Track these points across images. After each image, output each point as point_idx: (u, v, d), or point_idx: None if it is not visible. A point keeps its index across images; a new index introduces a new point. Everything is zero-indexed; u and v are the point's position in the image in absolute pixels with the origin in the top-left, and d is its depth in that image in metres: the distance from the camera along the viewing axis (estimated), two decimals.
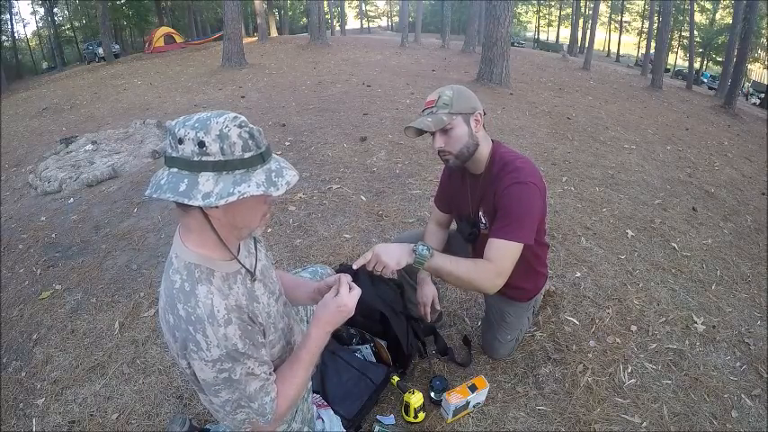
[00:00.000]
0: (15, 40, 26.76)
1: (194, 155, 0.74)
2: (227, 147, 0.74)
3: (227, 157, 0.75)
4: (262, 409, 0.87)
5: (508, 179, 1.34)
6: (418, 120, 1.38)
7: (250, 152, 0.77)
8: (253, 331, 0.86)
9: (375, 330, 1.72)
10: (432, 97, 1.38)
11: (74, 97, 9.21)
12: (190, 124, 0.75)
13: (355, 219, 2.88)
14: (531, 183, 1.32)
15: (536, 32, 40.30)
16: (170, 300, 0.82)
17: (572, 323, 2.04)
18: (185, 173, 0.75)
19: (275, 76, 9.02)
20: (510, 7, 7.64)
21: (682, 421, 1.63)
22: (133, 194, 3.46)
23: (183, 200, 0.74)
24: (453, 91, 1.38)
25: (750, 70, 24.45)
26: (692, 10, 17.55)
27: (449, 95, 1.36)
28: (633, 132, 5.79)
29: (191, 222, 0.83)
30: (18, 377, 1.89)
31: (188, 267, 0.83)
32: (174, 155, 0.76)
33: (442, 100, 1.36)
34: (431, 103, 1.38)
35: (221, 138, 0.74)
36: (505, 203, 1.33)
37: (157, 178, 0.78)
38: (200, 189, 0.74)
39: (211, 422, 1.54)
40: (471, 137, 1.38)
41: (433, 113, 1.36)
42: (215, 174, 0.75)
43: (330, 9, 27.57)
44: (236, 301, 0.85)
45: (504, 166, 1.39)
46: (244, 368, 0.83)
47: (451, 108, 1.35)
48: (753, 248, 3.01)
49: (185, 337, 0.79)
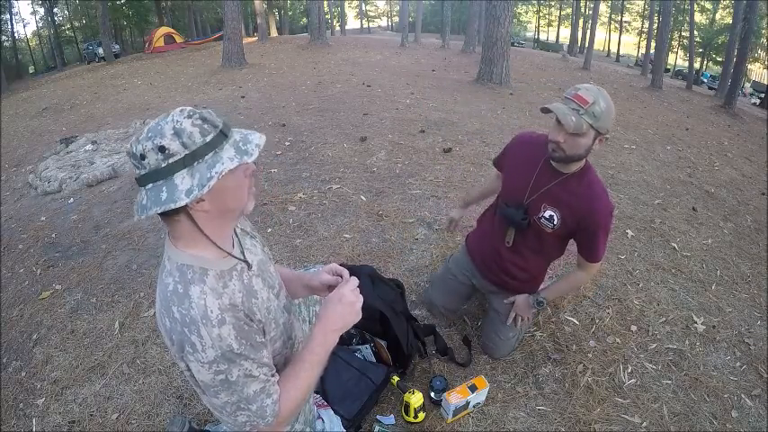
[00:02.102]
0: (15, 40, 26.75)
1: (160, 162, 0.75)
2: (186, 140, 0.75)
3: (191, 148, 0.75)
4: (261, 411, 0.86)
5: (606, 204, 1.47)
6: (563, 107, 1.35)
7: (209, 134, 0.77)
8: (250, 331, 0.85)
9: (375, 330, 1.72)
10: (588, 98, 1.32)
11: (74, 97, 9.21)
12: (144, 137, 0.76)
13: (355, 219, 2.88)
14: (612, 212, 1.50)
15: (536, 32, 40.29)
16: (165, 303, 0.81)
17: (572, 323, 2.04)
18: (160, 182, 0.76)
19: (275, 76, 9.02)
20: (510, 7, 7.64)
21: (682, 421, 1.63)
22: (133, 194, 3.45)
23: (170, 206, 0.74)
24: (606, 104, 1.34)
25: (750, 70, 24.47)
26: (692, 10, 17.54)
27: (602, 108, 1.33)
28: (633, 132, 5.79)
29: (178, 229, 0.83)
30: (18, 377, 1.89)
31: (180, 269, 0.82)
32: (144, 172, 0.77)
33: (593, 108, 1.32)
34: (585, 102, 1.32)
35: (177, 134, 0.75)
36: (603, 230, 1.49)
37: (138, 201, 0.78)
38: (180, 189, 0.75)
39: (211, 422, 1.54)
40: (587, 150, 1.40)
41: (580, 114, 1.33)
42: (187, 169, 0.76)
43: (330, 9, 27.58)
44: (230, 300, 0.84)
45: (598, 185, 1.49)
46: (241, 370, 0.82)
47: (597, 121, 1.33)
48: (753, 248, 3.01)
49: (181, 340, 0.79)
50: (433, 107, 5.80)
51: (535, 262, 1.71)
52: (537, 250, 1.65)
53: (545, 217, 1.53)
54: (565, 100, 1.36)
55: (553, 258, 1.75)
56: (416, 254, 2.51)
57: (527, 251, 1.66)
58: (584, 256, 1.56)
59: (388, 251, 2.54)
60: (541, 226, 1.55)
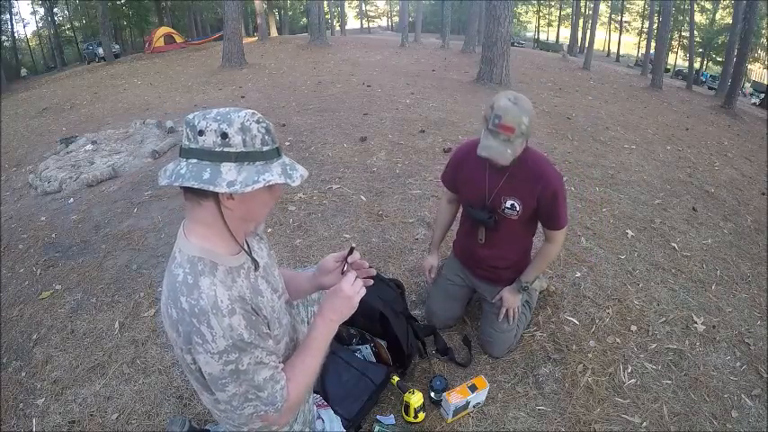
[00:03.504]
0: (15, 40, 26.75)
1: (216, 145, 0.77)
2: (248, 139, 0.78)
3: (249, 148, 0.78)
4: (272, 398, 0.87)
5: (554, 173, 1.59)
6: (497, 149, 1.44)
7: (268, 146, 0.81)
8: (257, 321, 0.86)
9: (375, 330, 1.72)
10: (512, 124, 1.40)
11: (74, 97, 9.22)
12: (211, 117, 0.78)
13: (355, 219, 2.88)
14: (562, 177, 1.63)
15: (536, 32, 40.27)
16: (173, 293, 0.82)
17: (572, 323, 2.04)
18: (206, 162, 0.77)
19: (275, 76, 9.03)
20: (510, 7, 7.65)
21: (682, 421, 1.63)
22: (133, 194, 3.46)
23: (208, 187, 0.76)
24: (528, 117, 1.42)
25: (750, 70, 24.47)
26: (692, 10, 17.52)
27: (526, 125, 1.41)
28: (633, 132, 5.79)
29: (202, 214, 0.83)
30: (18, 377, 1.89)
31: (191, 261, 0.83)
32: (194, 146, 0.78)
33: (521, 130, 1.41)
34: (510, 130, 1.40)
35: (243, 130, 0.77)
36: (560, 196, 1.58)
37: (174, 169, 0.79)
38: (224, 177, 0.76)
39: (211, 422, 1.54)
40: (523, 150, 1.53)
41: (511, 142, 1.43)
42: (237, 164, 0.78)
43: (330, 9, 27.56)
44: (239, 293, 0.85)
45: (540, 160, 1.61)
46: (252, 357, 0.83)
47: (526, 135, 1.45)
48: (753, 248, 3.01)
49: (189, 331, 0.79)
50: (433, 107, 5.80)
51: (512, 249, 1.79)
52: (510, 239, 1.76)
53: (508, 207, 1.64)
54: (493, 133, 1.43)
55: (528, 241, 1.83)
56: (416, 254, 2.51)
57: (502, 243, 1.76)
58: (550, 227, 1.66)
59: (388, 251, 2.54)
60: (508, 216, 1.66)
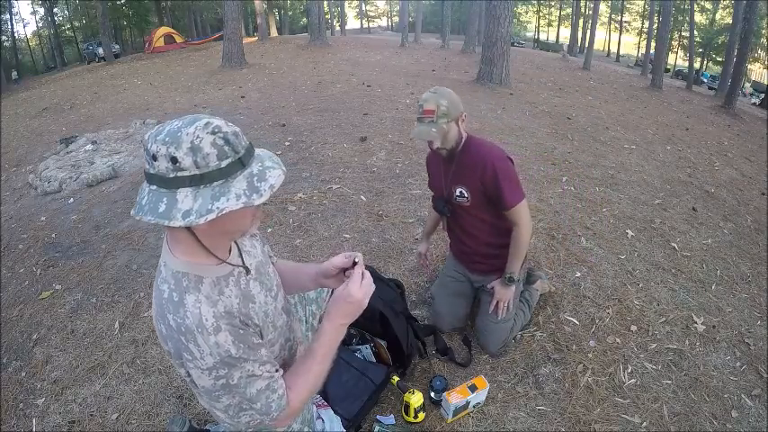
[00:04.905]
0: (15, 40, 26.73)
1: (168, 171, 0.71)
2: (200, 159, 0.71)
3: (203, 170, 0.72)
4: (266, 408, 0.86)
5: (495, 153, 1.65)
6: (423, 130, 1.62)
7: (227, 159, 0.73)
8: (246, 334, 0.84)
9: (375, 330, 1.72)
10: (431, 107, 1.59)
11: (74, 97, 9.22)
12: (161, 139, 0.72)
13: (355, 219, 2.88)
14: (508, 158, 1.67)
15: (536, 32, 40.26)
16: (160, 309, 0.81)
17: (572, 323, 2.04)
18: (163, 191, 0.73)
19: (275, 76, 9.03)
20: (510, 7, 7.65)
21: (682, 421, 1.63)
22: (133, 194, 3.46)
23: (163, 222, 0.71)
24: (447, 100, 1.60)
25: (750, 70, 24.47)
26: (692, 10, 17.54)
27: (446, 106, 1.59)
28: (633, 132, 5.79)
29: (179, 235, 0.82)
30: (18, 377, 1.89)
31: (175, 276, 0.82)
32: (152, 171, 0.74)
33: (441, 111, 1.59)
34: (430, 112, 1.59)
35: (193, 150, 0.71)
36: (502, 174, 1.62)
37: (140, 196, 0.76)
38: (179, 208, 0.71)
39: (211, 422, 1.54)
40: (459, 134, 1.68)
41: (435, 122, 1.60)
42: (192, 189, 0.72)
43: (330, 9, 27.56)
44: (225, 308, 0.83)
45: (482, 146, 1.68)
46: (242, 372, 0.82)
47: (449, 116, 1.61)
48: (753, 248, 3.01)
49: (178, 348, 0.79)
50: None
51: (483, 235, 1.82)
52: (477, 226, 1.81)
53: (458, 195, 1.74)
54: (419, 120, 1.62)
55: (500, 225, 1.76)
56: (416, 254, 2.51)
57: (470, 230, 1.83)
58: (502, 208, 1.67)
59: (388, 251, 2.54)
60: (460, 204, 1.75)
